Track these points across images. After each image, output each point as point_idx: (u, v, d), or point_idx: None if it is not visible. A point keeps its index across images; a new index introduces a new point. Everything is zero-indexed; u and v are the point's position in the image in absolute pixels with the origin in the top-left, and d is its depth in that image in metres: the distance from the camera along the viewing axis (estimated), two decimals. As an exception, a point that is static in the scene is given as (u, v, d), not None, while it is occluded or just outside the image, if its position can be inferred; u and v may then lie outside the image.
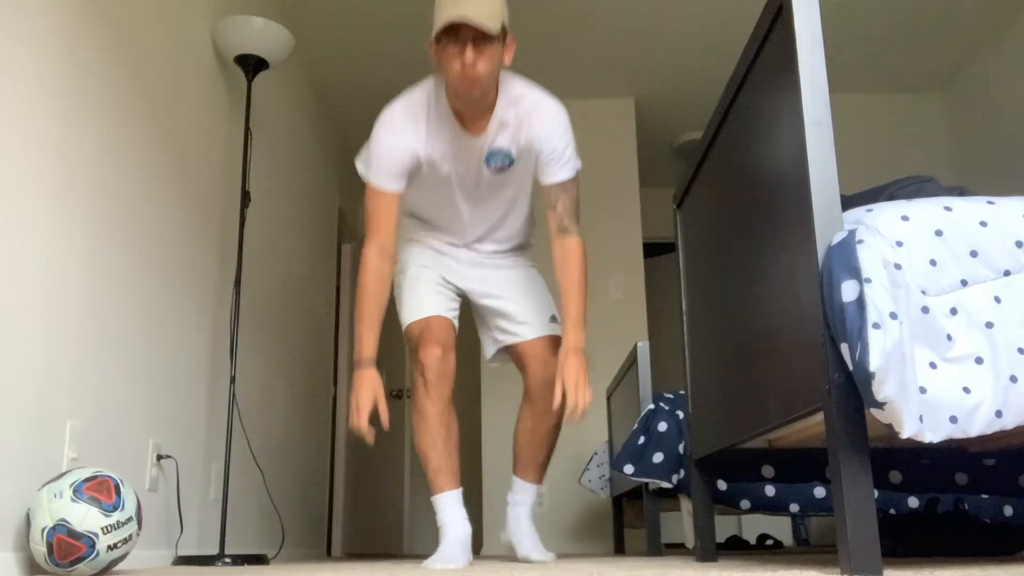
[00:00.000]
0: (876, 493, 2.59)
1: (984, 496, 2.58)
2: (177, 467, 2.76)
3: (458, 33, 2.17)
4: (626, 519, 4.09)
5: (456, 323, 2.56)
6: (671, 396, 2.97)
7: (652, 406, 2.98)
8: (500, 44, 2.22)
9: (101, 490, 1.82)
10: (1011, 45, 4.52)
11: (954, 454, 2.53)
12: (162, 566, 2.53)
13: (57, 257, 2.09)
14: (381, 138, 2.33)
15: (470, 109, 2.31)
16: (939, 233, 1.42)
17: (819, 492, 2.60)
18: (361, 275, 2.33)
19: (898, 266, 1.36)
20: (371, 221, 2.35)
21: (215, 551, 3.05)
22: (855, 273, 1.31)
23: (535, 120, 2.34)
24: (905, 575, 1.26)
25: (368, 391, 2.23)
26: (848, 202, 1.90)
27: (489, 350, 2.72)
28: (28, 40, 1.99)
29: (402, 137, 2.32)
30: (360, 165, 2.46)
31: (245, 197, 3.11)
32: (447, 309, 2.56)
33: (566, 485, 4.71)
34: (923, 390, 1.32)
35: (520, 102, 2.35)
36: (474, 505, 6.23)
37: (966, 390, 1.33)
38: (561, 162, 2.37)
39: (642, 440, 2.89)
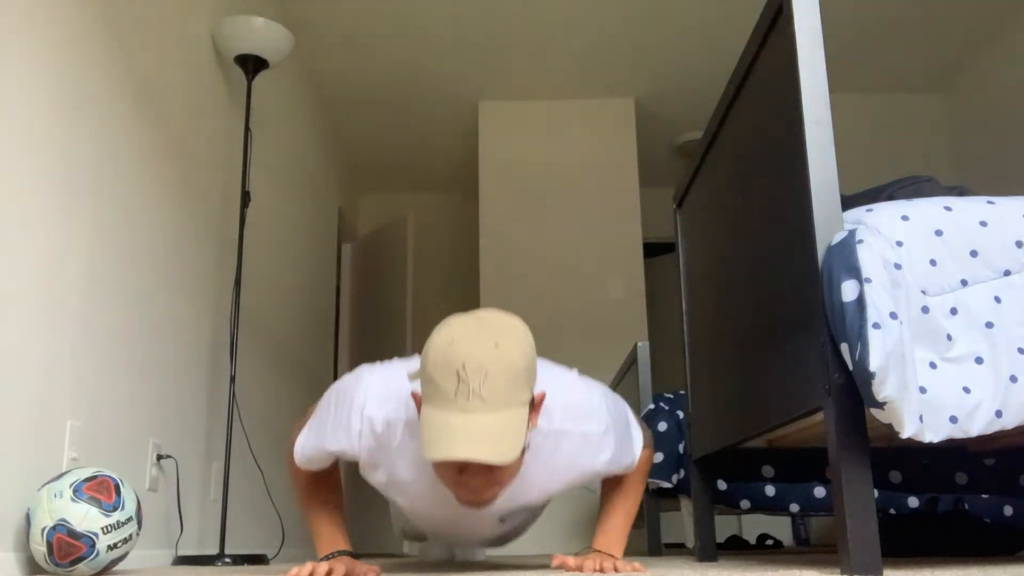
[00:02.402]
0: (876, 493, 2.59)
1: (984, 496, 2.58)
2: (177, 467, 2.76)
3: None
4: (626, 519, 4.08)
5: None
6: (671, 396, 2.97)
7: (652, 406, 2.98)
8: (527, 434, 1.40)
9: (101, 490, 1.82)
10: (1011, 45, 4.52)
11: (954, 454, 2.53)
12: (162, 566, 2.53)
13: (57, 257, 2.09)
14: (327, 428, 1.56)
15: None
16: (939, 233, 1.42)
17: (819, 492, 2.60)
18: (294, 477, 1.70)
19: (898, 266, 1.36)
20: (296, 477, 1.71)
21: (215, 551, 3.05)
22: (855, 273, 1.31)
23: (581, 453, 1.60)
24: (905, 575, 1.26)
25: (343, 566, 1.56)
26: (848, 202, 1.90)
27: None
28: (28, 40, 1.99)
29: (356, 451, 1.56)
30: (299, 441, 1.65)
31: (245, 197, 3.11)
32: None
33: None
34: (923, 390, 1.32)
35: (550, 436, 1.57)
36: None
37: (966, 390, 1.33)
38: (623, 465, 1.69)
39: (642, 440, 2.89)
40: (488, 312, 1.40)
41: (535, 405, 1.44)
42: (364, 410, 1.52)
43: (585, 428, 1.58)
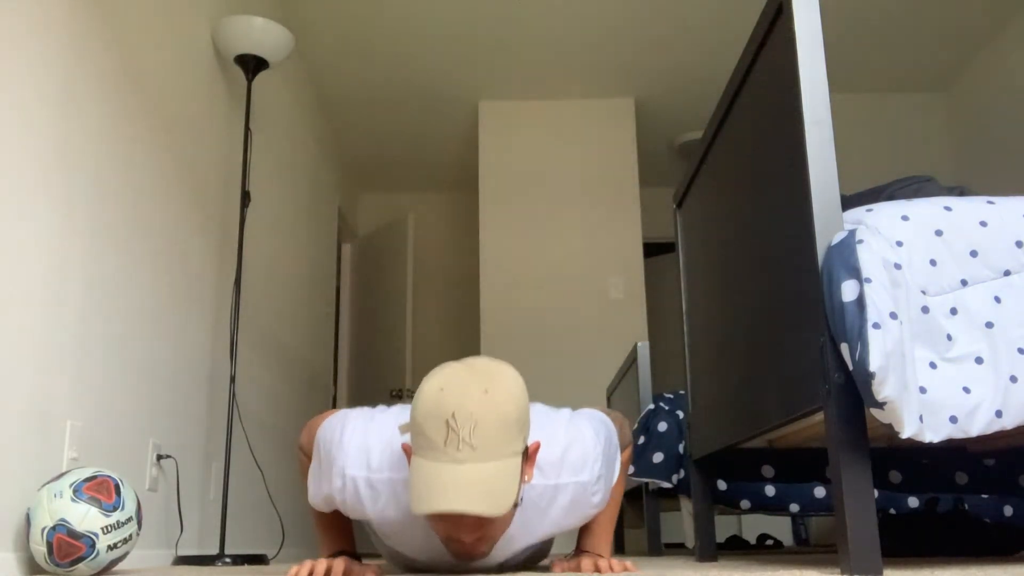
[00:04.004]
0: (876, 493, 2.59)
1: (984, 496, 2.58)
2: (177, 467, 2.76)
3: None
4: (626, 519, 4.09)
5: None
6: (671, 396, 2.97)
7: (652, 406, 2.98)
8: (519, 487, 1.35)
9: (101, 490, 1.82)
10: (1011, 45, 4.52)
11: (954, 454, 2.53)
12: (162, 566, 2.53)
13: (57, 257, 2.09)
14: (323, 476, 1.53)
15: None
16: (939, 233, 1.42)
17: (819, 492, 2.60)
18: (305, 475, 1.65)
19: (898, 266, 1.36)
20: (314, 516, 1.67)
21: (215, 551, 3.05)
22: (855, 273, 1.31)
23: (574, 504, 1.55)
24: (905, 575, 1.26)
25: (342, 565, 1.53)
26: (848, 202, 1.90)
27: None
28: (29, 40, 1.99)
29: (348, 504, 1.51)
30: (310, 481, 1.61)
31: (245, 197, 3.11)
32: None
33: (566, 485, 4.71)
34: (923, 390, 1.32)
35: (542, 491, 1.52)
36: None
37: (966, 390, 1.33)
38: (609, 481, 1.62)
39: (642, 440, 2.89)
40: (479, 360, 1.36)
41: (529, 456, 1.39)
42: (345, 472, 1.47)
43: (581, 479, 1.52)
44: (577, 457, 1.52)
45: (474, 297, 6.23)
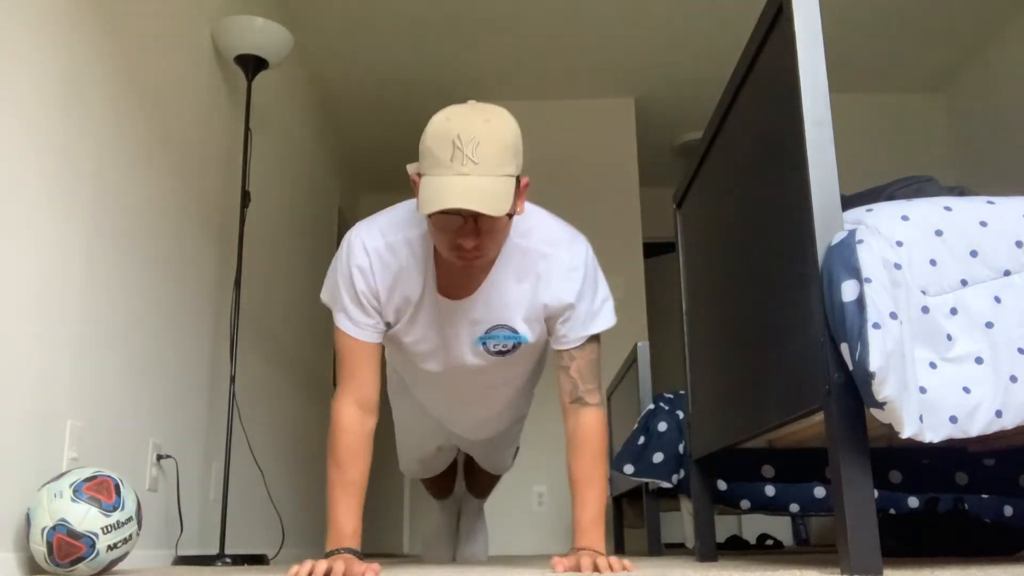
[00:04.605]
0: (876, 493, 2.59)
1: (984, 496, 2.58)
2: (177, 467, 2.76)
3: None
4: (626, 519, 4.09)
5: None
6: (671, 396, 2.97)
7: (652, 406, 2.98)
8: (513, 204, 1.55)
9: (101, 490, 1.82)
10: (1011, 45, 4.52)
11: (954, 454, 2.53)
12: (162, 566, 2.53)
13: (57, 257, 2.09)
14: (348, 277, 1.73)
15: (460, 274, 1.74)
16: (939, 233, 1.42)
17: (819, 492, 2.60)
18: (334, 437, 1.70)
19: (898, 266, 1.36)
20: (343, 368, 1.75)
21: (215, 551, 3.05)
22: (855, 273, 1.31)
23: (550, 277, 1.74)
24: (905, 575, 1.26)
25: (342, 564, 1.55)
26: (848, 202, 1.90)
27: None
28: (28, 41, 1.99)
29: (372, 283, 1.72)
30: (325, 295, 1.81)
31: (245, 197, 3.11)
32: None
33: (565, 485, 4.71)
34: (923, 390, 1.32)
35: (528, 253, 1.74)
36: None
37: (966, 390, 1.33)
38: (582, 322, 1.81)
39: (642, 440, 2.89)
40: (480, 102, 1.57)
41: (521, 189, 1.62)
42: (365, 245, 1.71)
43: (560, 254, 1.74)
44: (562, 236, 1.77)
45: (474, 297, 6.22)
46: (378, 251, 1.71)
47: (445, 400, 2.04)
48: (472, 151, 1.48)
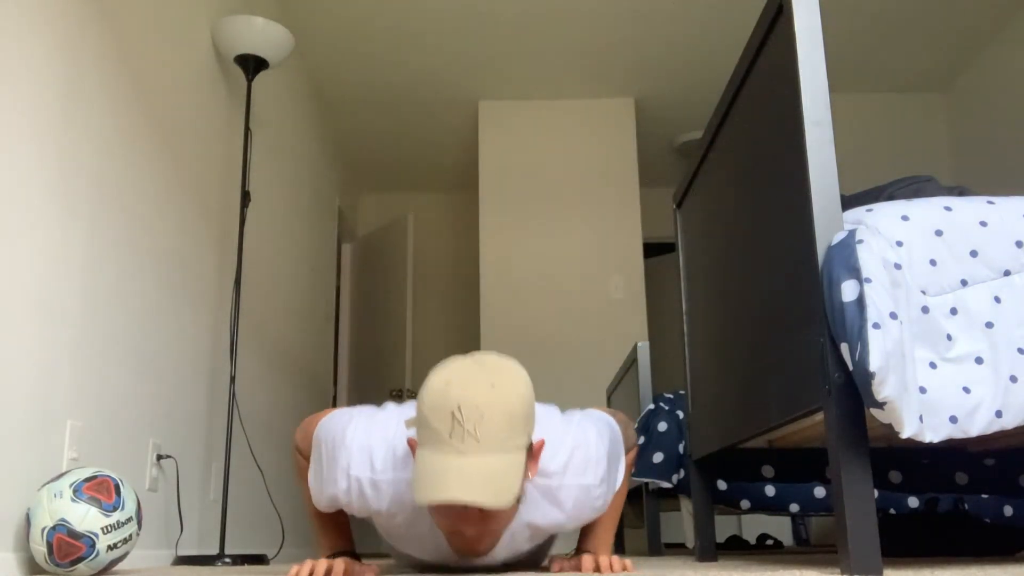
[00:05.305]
0: (876, 493, 2.59)
1: (984, 496, 2.58)
2: (177, 467, 2.76)
3: None
4: (626, 519, 4.09)
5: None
6: (671, 396, 2.97)
7: (652, 406, 2.98)
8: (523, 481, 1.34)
9: (101, 490, 1.82)
10: (1011, 45, 4.52)
11: (954, 454, 2.53)
12: (162, 566, 2.53)
13: (57, 257, 2.09)
14: (324, 476, 1.52)
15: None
16: (939, 233, 1.42)
17: (819, 492, 2.60)
18: (303, 476, 1.62)
19: (898, 266, 1.36)
20: (310, 515, 1.65)
21: (215, 551, 3.05)
22: (855, 273, 1.31)
23: (571, 520, 1.57)
24: (905, 575, 1.26)
25: (342, 565, 1.52)
26: (848, 202, 1.90)
27: None
28: (28, 41, 1.99)
29: (346, 500, 1.51)
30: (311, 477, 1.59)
31: (245, 197, 3.11)
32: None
33: (566, 485, 4.71)
34: (923, 390, 1.32)
35: (541, 506, 1.54)
36: None
37: (966, 390, 1.33)
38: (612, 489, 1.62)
39: (642, 440, 2.89)
40: (486, 355, 1.37)
41: (532, 453, 1.40)
42: (350, 472, 1.47)
43: (584, 481, 1.52)
44: (581, 459, 1.51)
45: (474, 297, 6.23)
46: (359, 483, 1.48)
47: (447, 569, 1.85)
48: (474, 426, 1.28)
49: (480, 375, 1.32)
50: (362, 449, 1.47)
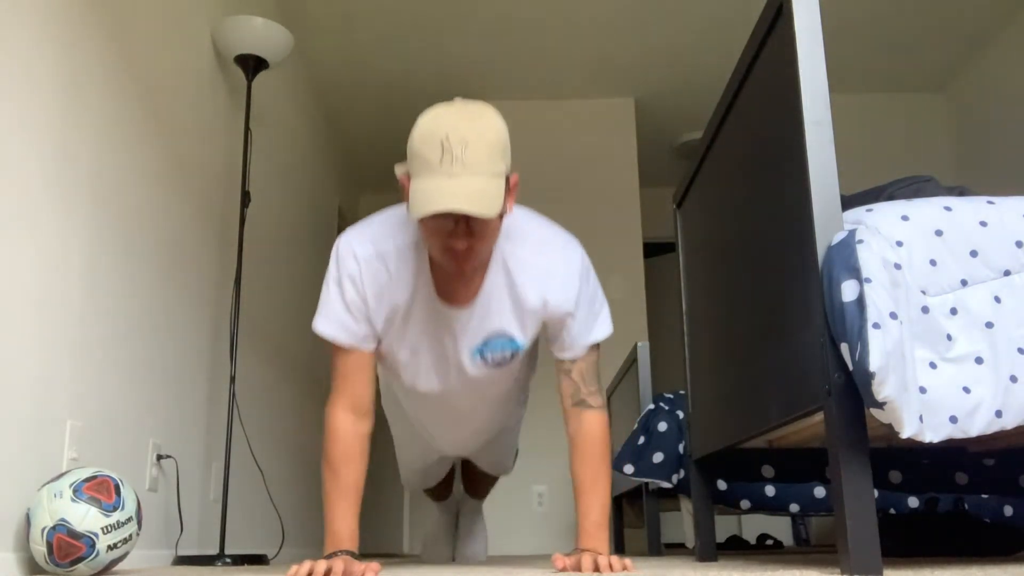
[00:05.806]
0: (876, 493, 2.59)
1: (984, 496, 2.58)
2: (177, 467, 2.76)
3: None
4: (626, 519, 4.09)
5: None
6: (671, 396, 2.97)
7: (652, 406, 2.98)
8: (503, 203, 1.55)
9: (101, 490, 1.82)
10: (1011, 45, 4.52)
11: (954, 454, 2.53)
12: (162, 566, 2.53)
13: (57, 257, 2.09)
14: (339, 285, 1.73)
15: (456, 279, 1.74)
16: (939, 233, 1.42)
17: (819, 492, 2.60)
18: (328, 442, 1.70)
19: (898, 266, 1.36)
20: (336, 374, 1.76)
21: (215, 551, 3.05)
22: (855, 273, 1.31)
23: (545, 283, 1.73)
24: (905, 575, 1.26)
25: (342, 564, 1.56)
26: (848, 202, 1.90)
27: None
28: (28, 40, 1.98)
29: (361, 290, 1.72)
30: (318, 320, 1.79)
31: (245, 197, 3.11)
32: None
33: (565, 485, 4.71)
34: (923, 390, 1.32)
35: (521, 260, 1.73)
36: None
37: (966, 390, 1.33)
38: (582, 330, 1.76)
39: (642, 440, 2.89)
40: (467, 100, 1.56)
41: (510, 188, 1.62)
42: (355, 253, 1.70)
43: (554, 260, 1.73)
44: (555, 242, 1.75)
45: (474, 297, 6.22)
46: (368, 260, 1.70)
47: (441, 419, 2.05)
48: (461, 152, 1.47)
49: (463, 111, 1.52)
50: (359, 232, 1.73)
